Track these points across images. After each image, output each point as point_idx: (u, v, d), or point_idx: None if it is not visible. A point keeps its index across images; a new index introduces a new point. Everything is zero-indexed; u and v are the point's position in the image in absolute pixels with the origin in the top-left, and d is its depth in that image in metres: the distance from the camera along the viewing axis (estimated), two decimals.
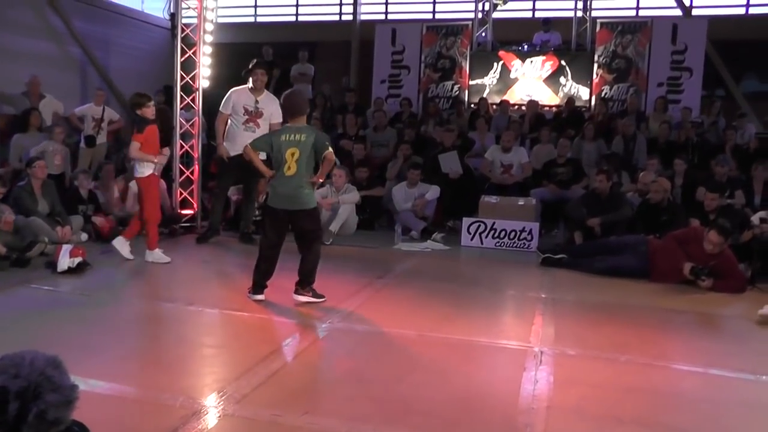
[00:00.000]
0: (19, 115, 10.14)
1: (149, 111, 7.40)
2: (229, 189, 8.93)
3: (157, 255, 7.34)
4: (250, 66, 8.44)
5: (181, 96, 9.27)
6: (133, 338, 4.77)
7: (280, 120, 8.38)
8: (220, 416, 3.49)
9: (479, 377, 4.22)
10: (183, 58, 9.22)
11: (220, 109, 8.46)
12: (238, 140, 8.22)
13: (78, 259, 6.60)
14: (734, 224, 7.34)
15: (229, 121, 8.44)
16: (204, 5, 9.25)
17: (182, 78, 9.23)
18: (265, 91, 8.49)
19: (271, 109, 8.39)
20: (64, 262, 6.51)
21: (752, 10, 15.55)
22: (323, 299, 5.70)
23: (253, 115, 8.33)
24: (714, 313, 6.21)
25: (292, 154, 5.52)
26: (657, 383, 4.21)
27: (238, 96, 8.35)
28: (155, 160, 7.39)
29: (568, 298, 6.35)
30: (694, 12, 15.03)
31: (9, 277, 6.27)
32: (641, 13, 15.62)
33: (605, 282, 6.97)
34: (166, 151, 7.80)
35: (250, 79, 8.38)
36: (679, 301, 6.41)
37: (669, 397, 3.99)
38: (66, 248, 6.64)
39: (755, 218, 7.66)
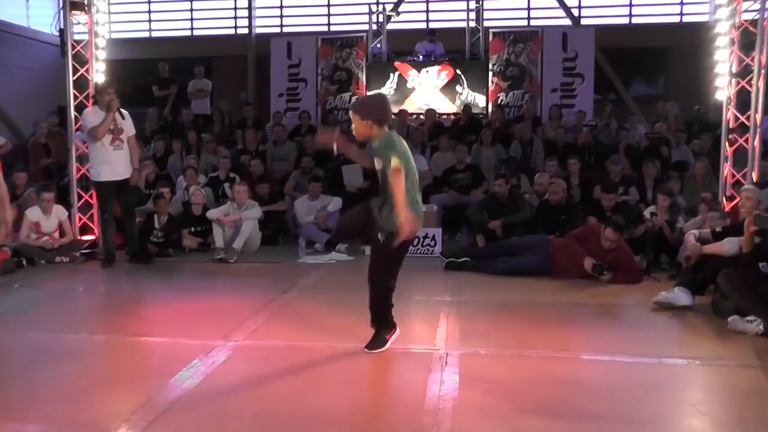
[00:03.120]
0: None
1: None
2: (112, 212, 8.64)
3: None
4: (97, 89, 8.43)
5: (76, 116, 8.95)
6: (32, 374, 4.53)
7: (134, 132, 8.53)
8: None
9: (386, 383, 4.26)
10: (75, 77, 8.94)
11: (88, 126, 8.21)
12: (112, 160, 8.20)
13: None
14: (629, 220, 7.72)
15: (92, 145, 8.29)
16: (95, 20, 8.99)
17: (76, 97, 8.94)
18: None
19: (128, 124, 8.38)
20: None
21: (634, 20, 16.46)
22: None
23: (117, 133, 8.23)
24: (613, 304, 6.47)
25: None
26: (561, 374, 4.35)
27: (91, 117, 8.19)
28: None
29: (473, 299, 6.47)
30: (583, 21, 15.74)
31: None
32: (532, 22, 16.26)
33: (508, 282, 7.14)
34: None
35: (97, 100, 8.34)
36: (580, 295, 6.65)
37: (573, 385, 4.13)
38: None
39: (647, 213, 8.02)
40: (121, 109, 8.25)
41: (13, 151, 11.74)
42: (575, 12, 15.81)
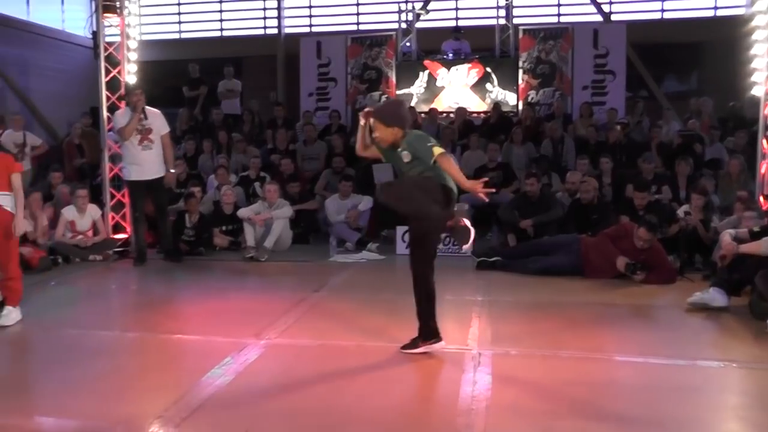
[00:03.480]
0: None
1: None
2: (144, 211, 8.74)
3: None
4: (126, 90, 8.53)
5: (108, 117, 9.06)
6: (68, 369, 4.61)
7: (168, 130, 8.57)
8: None
9: (419, 383, 4.25)
10: (108, 78, 9.04)
11: (117, 128, 8.38)
12: (141, 161, 8.29)
13: None
14: (662, 219, 7.60)
15: (123, 145, 8.41)
16: (126, 22, 9.09)
17: (108, 98, 9.04)
18: (146, 107, 8.41)
19: (158, 123, 8.46)
20: None
21: (666, 15, 16.21)
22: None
23: (145, 133, 8.31)
24: (646, 304, 6.40)
25: None
26: (594, 375, 4.31)
27: (123, 118, 8.31)
28: None
29: (505, 299, 6.44)
30: (613, 17, 15.54)
31: None
32: (562, 19, 16.10)
33: (540, 281, 7.09)
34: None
35: (126, 102, 8.45)
36: (613, 295, 6.58)
37: (606, 387, 4.08)
38: None
39: (680, 212, 7.91)
40: (148, 109, 8.35)
41: (49, 152, 11.96)
42: (606, 8, 15.60)
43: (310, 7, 17.49)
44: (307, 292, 6.69)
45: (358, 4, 17.26)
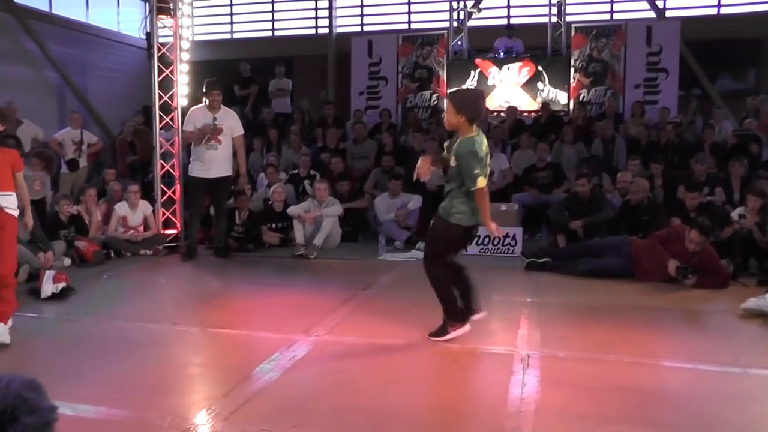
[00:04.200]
0: None
1: None
2: (201, 208, 8.92)
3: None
4: (204, 87, 8.55)
5: (160, 116, 9.24)
6: (119, 361, 4.72)
7: (241, 133, 8.62)
8: None
9: (467, 383, 4.24)
10: (160, 78, 9.20)
11: (183, 127, 8.52)
12: (204, 159, 8.39)
13: (62, 285, 6.55)
14: (715, 221, 7.42)
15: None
16: (179, 23, 9.24)
17: (160, 97, 9.20)
18: (222, 107, 8.56)
19: (231, 123, 8.57)
20: (48, 288, 6.45)
21: (723, 11, 15.77)
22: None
23: (214, 133, 8.42)
24: (698, 310, 6.27)
25: None
26: (643, 381, 4.23)
27: (197, 115, 8.45)
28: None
29: (554, 301, 6.38)
30: (668, 13, 15.21)
31: None
32: (615, 16, 15.82)
33: (590, 284, 7.01)
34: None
35: (205, 99, 8.53)
36: (664, 299, 6.46)
37: (656, 393, 4.01)
38: (49, 274, 6.59)
39: (734, 214, 7.73)
40: (224, 108, 8.53)
41: (104, 149, 12.26)
42: (660, 4, 15.27)
43: (362, 6, 17.52)
44: (356, 290, 6.73)
45: (409, 3, 17.24)
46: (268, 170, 10.51)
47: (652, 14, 15.07)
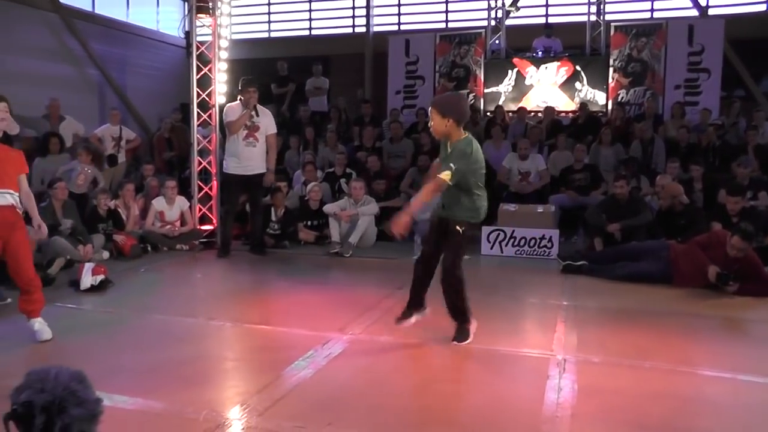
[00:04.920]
0: (40, 139, 10.27)
1: None
2: (236, 205, 8.98)
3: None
4: (240, 85, 8.60)
5: (198, 113, 9.33)
6: (155, 353, 4.78)
7: (275, 131, 8.69)
8: (243, 429, 3.51)
9: (502, 386, 4.19)
10: (199, 76, 9.28)
11: (227, 120, 8.59)
12: (241, 156, 8.44)
13: (100, 277, 6.71)
14: (758, 226, 7.25)
15: (228, 138, 8.61)
16: (218, 23, 9.31)
17: (198, 95, 9.29)
18: (257, 105, 8.59)
19: (266, 121, 8.62)
20: (87, 280, 6.60)
21: None
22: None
23: (252, 129, 8.48)
24: (740, 318, 6.13)
25: None
26: (682, 389, 4.16)
27: (234, 112, 8.47)
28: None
29: (590, 305, 6.30)
30: (711, 11, 14.84)
31: None
32: (656, 15, 15.50)
33: (627, 288, 6.90)
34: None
35: (240, 97, 8.57)
36: (703, 305, 6.32)
37: (695, 402, 3.94)
38: (88, 266, 6.74)
39: None
40: (259, 107, 8.56)
41: (142, 145, 12.44)
42: (703, 2, 14.94)
43: (399, 5, 17.49)
44: (391, 289, 6.71)
45: (447, 2, 17.15)
46: (305, 168, 10.55)
47: (694, 12, 14.74)
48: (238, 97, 8.61)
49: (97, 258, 7.94)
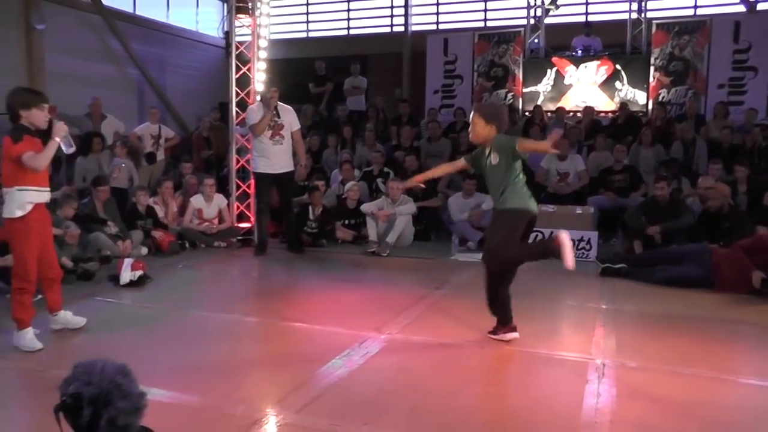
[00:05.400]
0: (83, 137, 10.45)
1: (40, 116, 4.76)
2: (269, 203, 9.01)
3: (26, 341, 4.81)
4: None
5: (237, 112, 9.40)
6: (192, 348, 4.84)
7: (299, 127, 8.78)
8: (280, 425, 3.52)
9: (540, 389, 4.15)
10: (238, 75, 9.37)
11: (250, 123, 8.65)
12: (270, 155, 8.49)
13: (139, 273, 6.82)
14: None
15: (254, 138, 8.65)
16: (258, 23, 9.38)
17: (237, 94, 9.37)
18: (279, 103, 8.63)
19: (289, 119, 8.67)
20: (126, 275, 6.71)
21: None
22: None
23: (276, 128, 8.51)
24: None
25: None
26: (724, 397, 4.06)
27: (255, 114, 8.54)
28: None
29: (629, 308, 6.19)
30: (759, 6, 14.34)
31: (75, 290, 6.41)
32: (699, 11, 14.97)
33: (667, 292, 6.76)
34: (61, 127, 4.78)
35: (261, 97, 8.67)
36: (747, 312, 6.15)
37: (737, 412, 3.83)
38: (127, 262, 6.85)
39: None
40: (281, 105, 8.59)
41: (180, 144, 12.62)
42: None
43: (438, 4, 17.42)
44: (429, 289, 6.70)
45: (486, 0, 17.08)
46: (343, 167, 10.59)
47: (741, 8, 14.32)
48: (259, 97, 8.67)
49: (136, 254, 8.06)
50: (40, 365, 4.45)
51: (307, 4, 18.52)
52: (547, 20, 14.58)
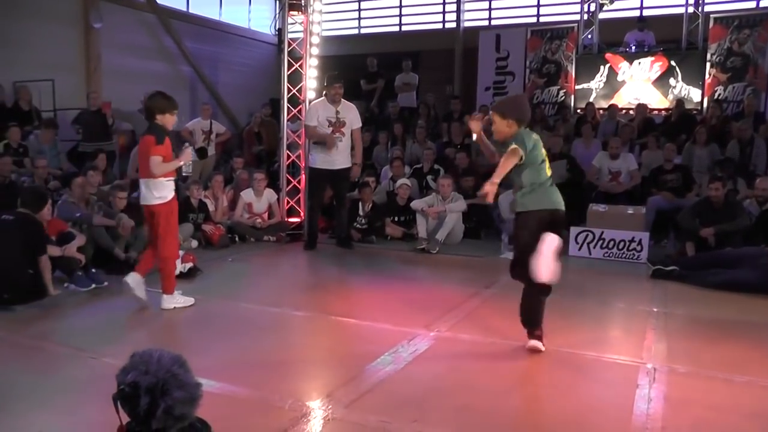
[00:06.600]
0: (137, 132, 10.63)
1: (171, 120, 5.90)
2: (322, 199, 9.09)
3: (178, 299, 5.88)
4: (326, 81, 8.71)
5: (288, 108, 9.49)
6: (242, 341, 4.91)
7: (360, 125, 8.80)
8: (328, 420, 3.55)
9: (590, 392, 4.11)
10: (290, 72, 9.44)
11: (306, 122, 8.72)
12: (329, 151, 8.51)
13: (189, 265, 6.96)
14: None
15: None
16: (310, 20, 9.44)
17: (289, 90, 9.45)
18: (342, 100, 8.65)
19: (351, 116, 8.70)
20: (177, 267, 6.78)
21: None
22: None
23: (337, 125, 8.54)
24: None
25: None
26: None
27: (318, 109, 8.59)
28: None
29: (681, 312, 6.07)
30: None
31: None
32: (763, 3, 14.48)
33: (721, 296, 6.59)
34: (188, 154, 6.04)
35: (325, 92, 8.69)
36: None
37: None
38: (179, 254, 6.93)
39: None
40: (344, 102, 8.66)
41: (231, 139, 12.81)
42: None
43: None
44: (478, 287, 6.68)
45: None
46: (393, 164, 10.60)
47: None
48: (323, 93, 8.72)
49: (186, 246, 8.19)
50: (95, 353, 4.55)
51: (359, 1, 18.58)
52: (601, 15, 14.34)
